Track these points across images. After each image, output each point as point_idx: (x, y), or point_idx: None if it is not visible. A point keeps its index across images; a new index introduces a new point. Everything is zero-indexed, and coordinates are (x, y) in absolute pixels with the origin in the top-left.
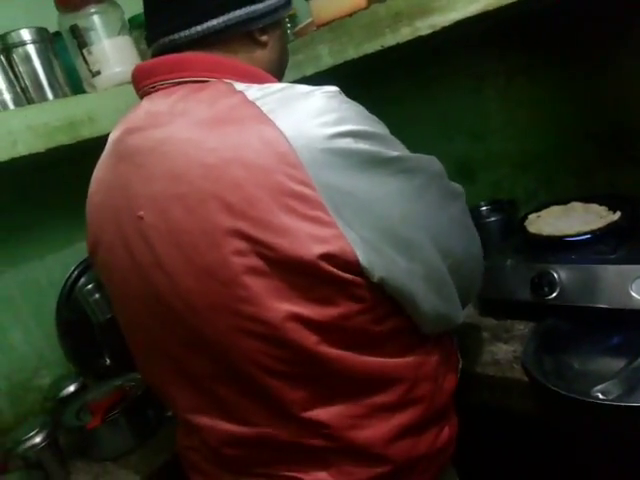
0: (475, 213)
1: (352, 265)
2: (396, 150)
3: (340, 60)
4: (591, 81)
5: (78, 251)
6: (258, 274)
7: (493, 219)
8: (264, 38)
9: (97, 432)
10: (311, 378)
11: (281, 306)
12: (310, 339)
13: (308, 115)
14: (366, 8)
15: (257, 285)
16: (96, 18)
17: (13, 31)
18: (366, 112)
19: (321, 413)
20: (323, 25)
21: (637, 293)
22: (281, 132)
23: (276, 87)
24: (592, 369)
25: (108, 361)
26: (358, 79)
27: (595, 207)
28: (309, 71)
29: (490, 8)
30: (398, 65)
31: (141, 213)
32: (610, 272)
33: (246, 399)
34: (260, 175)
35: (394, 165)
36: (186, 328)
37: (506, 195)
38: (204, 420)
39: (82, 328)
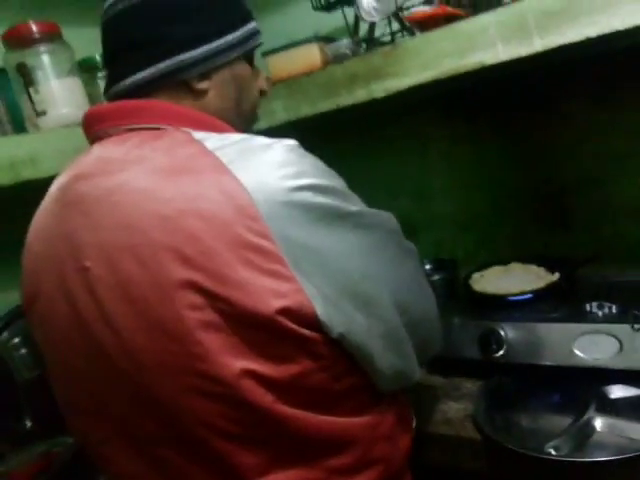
0: None
1: (311, 320)
2: (355, 205)
3: (294, 116)
4: (525, 149)
5: (5, 301)
6: (213, 329)
7: (437, 277)
8: (203, 85)
9: None
10: (266, 441)
11: (236, 363)
12: (266, 398)
13: (268, 167)
14: (322, 69)
15: (212, 341)
16: (45, 57)
17: None
18: (325, 166)
19: (277, 479)
20: (279, 81)
21: (580, 351)
22: (240, 184)
23: (236, 138)
24: (540, 426)
25: (29, 424)
26: (311, 134)
27: (534, 268)
28: (263, 125)
29: (442, 77)
30: (350, 125)
31: (87, 264)
32: (553, 330)
33: (195, 465)
34: (218, 227)
35: (353, 220)
36: (132, 387)
37: (447, 254)
38: None
39: (2, 387)
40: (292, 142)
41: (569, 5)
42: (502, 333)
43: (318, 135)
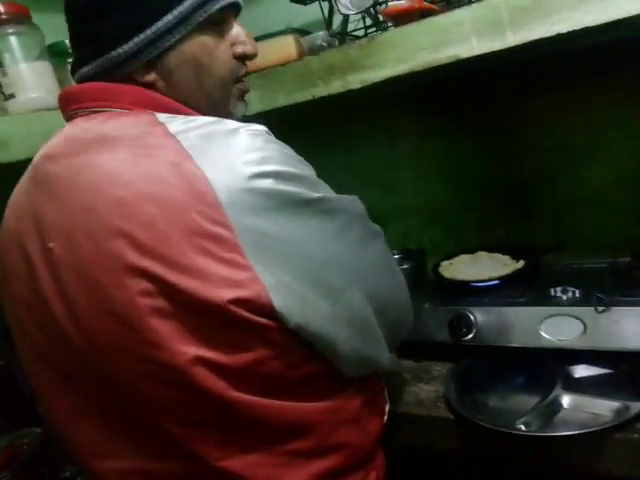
0: None
1: (266, 310)
2: (319, 192)
3: (270, 106)
4: (491, 143)
5: None
6: (164, 316)
7: (405, 266)
8: (150, 77)
9: None
10: (223, 426)
11: (188, 350)
12: (219, 384)
13: (231, 153)
14: (297, 60)
15: (163, 328)
16: (13, 39)
17: None
18: (292, 153)
19: (235, 463)
20: (254, 72)
21: (546, 333)
22: (199, 169)
23: (201, 121)
24: (509, 405)
25: None
26: (284, 125)
27: (500, 256)
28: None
29: (417, 69)
30: (323, 117)
31: (51, 245)
32: (520, 314)
33: (156, 447)
34: (174, 213)
35: (315, 206)
36: (91, 367)
37: (415, 245)
38: (111, 464)
39: None
40: (260, 127)
41: (541, 1)
42: (471, 317)
43: (291, 126)
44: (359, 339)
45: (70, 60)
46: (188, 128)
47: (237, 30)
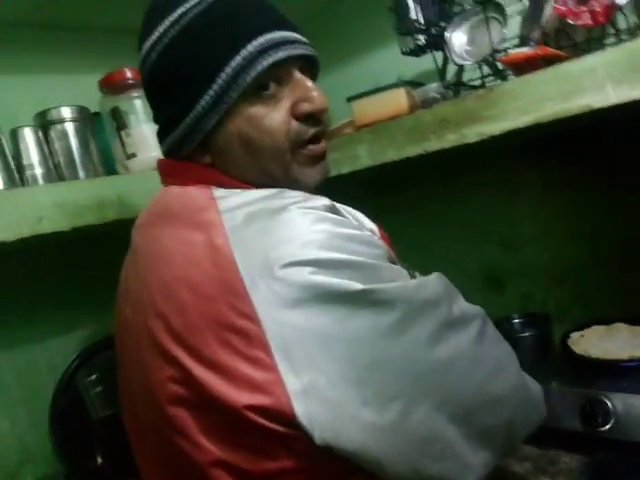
0: (506, 325)
1: (286, 418)
2: (373, 280)
3: (379, 161)
4: (630, 197)
5: (81, 338)
6: (191, 407)
7: (527, 334)
8: (206, 160)
9: None
10: None
11: (211, 447)
12: None
13: (269, 237)
14: (409, 113)
15: (188, 418)
16: (138, 102)
17: (54, 108)
18: (347, 232)
19: None
20: (363, 126)
21: None
22: (232, 254)
23: (254, 196)
24: None
25: (100, 461)
26: (395, 180)
27: None
28: (345, 169)
29: (543, 121)
30: (435, 170)
31: (127, 310)
32: None
33: None
34: (204, 301)
35: (363, 298)
36: (149, 443)
37: (537, 308)
38: None
39: (77, 421)
40: (317, 203)
41: None
42: (609, 404)
43: (401, 180)
44: (419, 456)
45: None
46: (239, 205)
47: (297, 87)
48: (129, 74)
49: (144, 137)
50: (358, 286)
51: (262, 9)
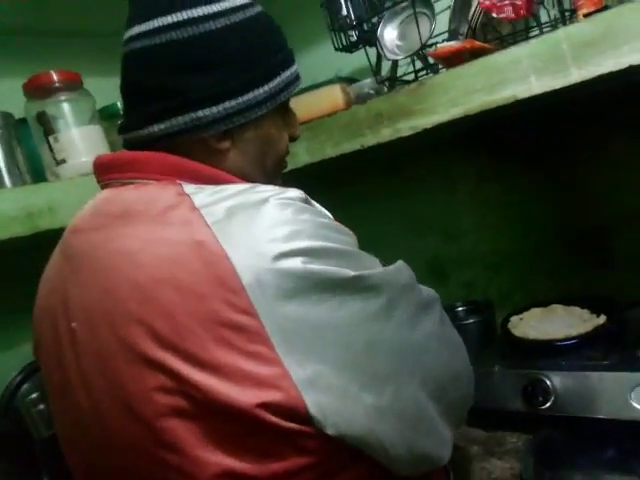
0: (450, 314)
1: (298, 413)
2: (359, 267)
3: (317, 158)
4: (560, 185)
5: (22, 354)
6: (184, 417)
7: (471, 321)
8: (224, 145)
9: None
10: None
11: (212, 457)
12: None
13: (256, 229)
14: (345, 109)
15: (182, 430)
16: (66, 106)
17: None
18: (328, 222)
19: None
20: (302, 123)
21: (637, 402)
22: (222, 249)
23: (230, 190)
24: None
25: None
26: (331, 176)
27: (577, 310)
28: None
29: (472, 112)
30: (375, 165)
31: (74, 324)
32: (607, 380)
33: None
34: (194, 301)
35: (353, 285)
36: (105, 462)
37: (480, 296)
38: None
39: (20, 444)
40: (294, 194)
41: (606, 33)
42: (548, 383)
43: (341, 176)
44: (413, 434)
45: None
46: (215, 200)
47: (293, 113)
48: (55, 77)
49: (73, 142)
50: (350, 273)
51: None
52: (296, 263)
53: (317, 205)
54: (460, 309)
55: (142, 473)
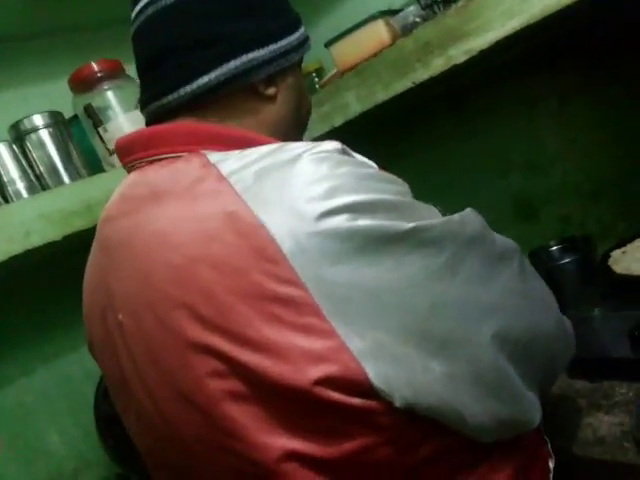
0: (544, 255)
1: (361, 387)
2: (413, 219)
3: (370, 105)
4: None
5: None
6: (241, 401)
7: (567, 260)
8: (271, 91)
9: None
10: None
11: (275, 441)
12: None
13: (290, 190)
14: (391, 45)
15: (241, 415)
16: (110, 94)
17: (26, 117)
18: (371, 171)
19: None
20: (347, 70)
21: None
22: (256, 218)
23: (259, 153)
24: None
25: None
26: (390, 125)
27: None
28: (338, 121)
29: (532, 22)
30: (435, 101)
31: (120, 317)
32: None
33: None
34: (232, 277)
35: (410, 239)
36: (173, 457)
37: (578, 231)
38: None
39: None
40: (329, 146)
41: None
42: None
43: (401, 123)
44: (495, 401)
45: None
46: (244, 165)
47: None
48: (96, 67)
49: (122, 129)
50: (405, 225)
51: None
52: (340, 221)
53: (357, 155)
54: (554, 248)
55: (207, 463)
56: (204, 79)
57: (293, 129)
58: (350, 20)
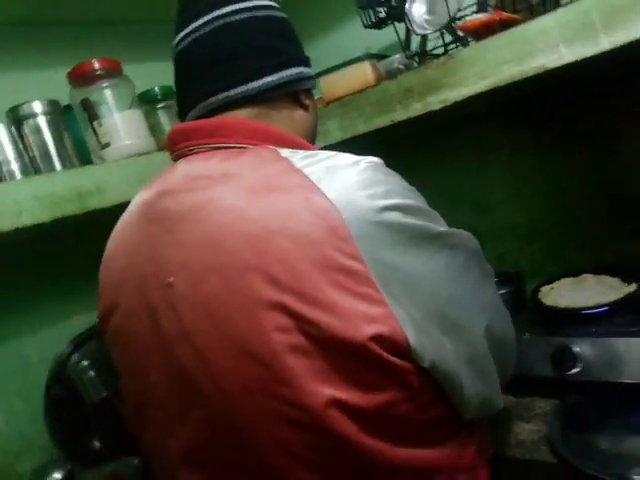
0: None
1: (402, 348)
2: (440, 225)
3: (349, 134)
4: (594, 154)
5: (74, 326)
6: (301, 353)
7: (503, 291)
8: (307, 102)
9: None
10: (347, 473)
11: (323, 390)
12: (351, 428)
13: (357, 186)
14: (375, 85)
15: (299, 366)
16: (108, 92)
17: (26, 103)
18: (408, 185)
19: None
20: (333, 101)
21: None
22: (331, 203)
23: (321, 155)
24: (622, 450)
25: (98, 445)
26: (367, 150)
27: (608, 279)
28: (317, 144)
29: (501, 84)
30: (405, 139)
31: (171, 279)
32: (632, 345)
33: None
34: (308, 248)
35: (439, 240)
36: (209, 409)
37: (512, 267)
38: None
39: (72, 409)
40: (377, 160)
41: None
42: (577, 349)
43: (374, 150)
44: (479, 379)
45: (160, 105)
46: (311, 162)
47: None
48: (97, 65)
49: (116, 126)
50: (438, 228)
51: None
52: (395, 217)
53: None
54: None
55: (252, 411)
56: (268, 79)
57: (312, 138)
58: (334, 56)
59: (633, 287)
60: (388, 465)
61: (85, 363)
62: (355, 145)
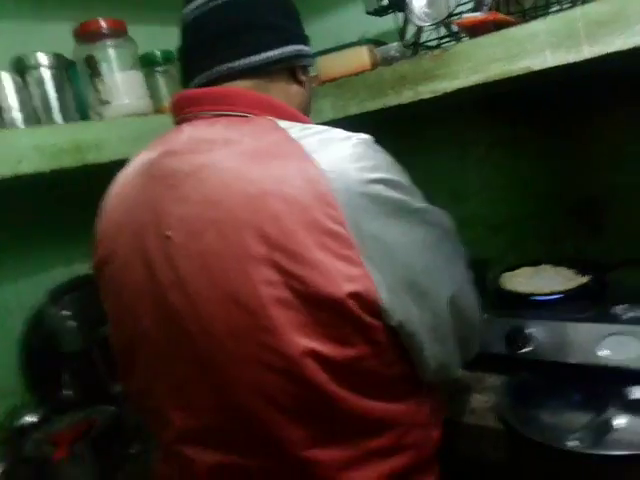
0: None
1: (374, 307)
2: (420, 201)
3: (341, 115)
4: (566, 155)
5: (54, 277)
6: (285, 306)
7: None
8: (303, 77)
9: (62, 465)
10: (314, 417)
11: (301, 340)
12: (322, 377)
13: (347, 158)
14: (371, 70)
15: (281, 317)
16: (111, 51)
17: (32, 53)
18: (395, 162)
19: (318, 453)
20: (328, 81)
21: (604, 351)
22: (322, 172)
23: (316, 129)
24: (561, 422)
25: (69, 391)
26: (354, 132)
27: (565, 270)
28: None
29: (490, 80)
30: (393, 124)
31: (169, 232)
32: (581, 330)
33: (243, 432)
34: (299, 211)
35: (418, 215)
36: (196, 352)
37: (479, 254)
38: (192, 450)
39: (47, 357)
40: (368, 136)
41: (619, 13)
42: (529, 330)
43: (363, 131)
44: (439, 346)
45: (160, 69)
46: (306, 134)
47: None
48: (103, 23)
49: (117, 85)
50: (418, 204)
51: None
52: (380, 189)
53: None
54: None
55: (236, 354)
56: (270, 53)
57: (306, 112)
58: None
59: (586, 279)
60: (354, 414)
61: (65, 313)
62: (345, 125)
